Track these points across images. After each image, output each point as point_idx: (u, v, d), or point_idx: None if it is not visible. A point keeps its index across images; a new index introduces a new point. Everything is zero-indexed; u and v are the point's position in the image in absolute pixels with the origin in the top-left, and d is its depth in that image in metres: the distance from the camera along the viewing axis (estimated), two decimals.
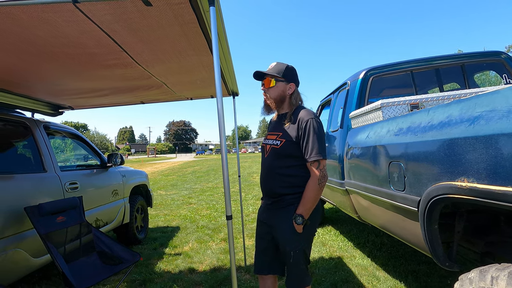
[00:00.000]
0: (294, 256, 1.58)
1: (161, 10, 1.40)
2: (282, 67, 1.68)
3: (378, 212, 2.19)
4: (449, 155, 1.29)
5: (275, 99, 1.69)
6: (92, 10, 1.37)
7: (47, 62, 2.02)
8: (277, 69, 1.67)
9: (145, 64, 2.16)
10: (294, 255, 1.58)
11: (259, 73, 1.69)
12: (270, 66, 1.70)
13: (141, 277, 2.92)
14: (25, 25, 1.48)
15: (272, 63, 1.71)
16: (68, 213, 2.42)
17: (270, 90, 1.68)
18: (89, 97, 3.10)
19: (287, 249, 1.59)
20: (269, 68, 1.70)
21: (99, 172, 3.43)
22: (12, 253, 2.04)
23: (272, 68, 1.69)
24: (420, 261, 2.96)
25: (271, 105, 1.72)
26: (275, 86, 1.67)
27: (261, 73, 1.68)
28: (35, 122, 2.74)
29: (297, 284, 1.62)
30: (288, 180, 1.62)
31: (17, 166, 2.52)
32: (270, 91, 1.68)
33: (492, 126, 1.06)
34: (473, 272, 1.17)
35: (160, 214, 6.03)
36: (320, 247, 3.61)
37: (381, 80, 2.98)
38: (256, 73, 1.69)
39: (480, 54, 2.99)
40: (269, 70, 1.68)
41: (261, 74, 1.69)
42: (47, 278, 2.95)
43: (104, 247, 2.54)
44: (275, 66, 1.69)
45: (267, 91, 1.69)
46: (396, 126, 1.85)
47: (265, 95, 1.71)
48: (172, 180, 13.19)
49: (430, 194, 1.41)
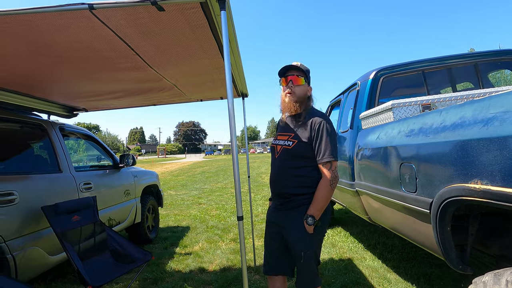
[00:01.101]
0: (304, 256, 1.59)
1: (173, 15, 1.43)
2: (307, 69, 1.68)
3: (389, 213, 2.17)
4: (462, 156, 1.27)
5: (299, 97, 1.66)
6: (107, 16, 1.41)
7: (63, 66, 2.08)
8: (304, 69, 1.66)
9: (157, 67, 2.20)
10: (305, 255, 1.59)
11: (289, 68, 1.65)
12: (296, 64, 1.67)
13: (153, 276, 2.97)
14: (43, 32, 1.54)
15: (297, 62, 1.68)
16: (83, 213, 2.49)
17: (297, 88, 1.65)
18: (103, 99, 3.17)
19: (298, 249, 1.60)
20: (296, 65, 1.67)
21: (112, 173, 3.51)
22: (30, 251, 2.11)
23: (299, 66, 1.66)
24: (433, 264, 2.91)
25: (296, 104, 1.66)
26: (303, 85, 1.67)
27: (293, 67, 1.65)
28: (51, 124, 2.83)
29: (307, 285, 1.62)
30: (299, 181, 1.63)
31: (34, 167, 2.61)
32: (298, 89, 1.65)
33: (507, 128, 1.05)
34: (487, 276, 1.15)
35: (171, 214, 6.11)
36: (330, 248, 3.60)
37: (392, 80, 2.95)
38: (286, 67, 1.65)
39: (493, 52, 2.93)
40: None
41: (288, 70, 1.66)
42: (63, 276, 3.03)
43: (117, 246, 2.60)
44: (302, 66, 1.67)
45: (294, 88, 1.65)
46: (408, 127, 1.83)
47: (292, 92, 1.65)
48: (181, 180, 13.33)
49: (442, 196, 1.40)
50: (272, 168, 1.77)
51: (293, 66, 1.65)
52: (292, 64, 1.66)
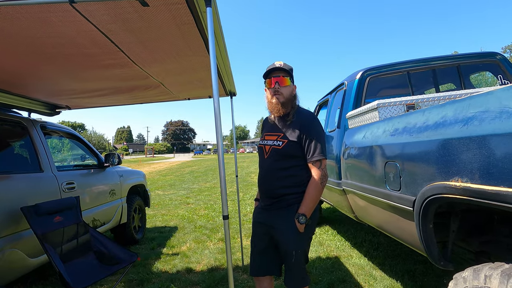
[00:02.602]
0: (296, 255, 1.59)
1: (158, 10, 1.41)
2: (290, 67, 1.67)
3: (374, 212, 2.20)
4: (444, 155, 1.30)
5: (286, 98, 1.65)
6: (89, 10, 1.37)
7: (44, 62, 2.01)
8: (288, 69, 1.65)
9: (142, 64, 2.16)
10: (296, 254, 1.60)
11: (274, 69, 1.63)
12: (279, 64, 1.65)
13: (139, 277, 2.92)
14: (22, 26, 1.48)
15: (280, 62, 1.66)
16: (65, 213, 2.42)
17: (284, 88, 1.64)
18: (86, 97, 3.09)
19: (290, 248, 1.60)
20: (280, 65, 1.65)
21: (96, 172, 3.43)
22: (9, 253, 2.03)
23: (283, 66, 1.64)
24: (417, 261, 2.97)
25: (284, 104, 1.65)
26: (289, 85, 1.66)
27: (278, 68, 1.63)
28: (32, 122, 2.73)
29: (298, 283, 1.63)
30: (289, 180, 1.63)
31: (14, 166, 2.52)
32: (284, 90, 1.64)
33: (485, 127, 1.08)
34: (467, 271, 1.18)
35: (158, 214, 6.02)
36: (317, 247, 3.63)
37: (378, 81, 2.99)
38: (274, 69, 1.63)
39: (475, 55, 3.01)
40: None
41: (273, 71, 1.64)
42: (44, 278, 2.95)
43: (101, 247, 2.54)
44: (285, 65, 1.66)
45: (281, 89, 1.64)
46: (392, 127, 1.86)
47: (279, 93, 1.64)
48: (170, 180, 13.17)
49: (425, 194, 1.42)
50: (261, 168, 1.76)
51: (277, 67, 1.64)
52: (276, 66, 1.65)
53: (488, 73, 3.19)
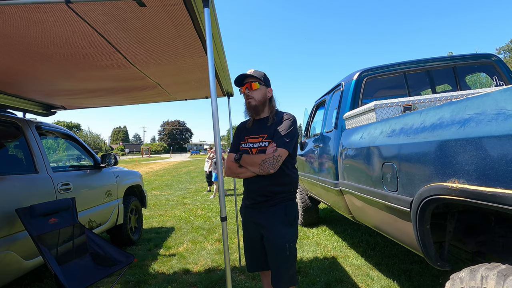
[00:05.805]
0: (289, 248, 1.66)
1: (155, 11, 1.40)
2: (261, 73, 1.79)
3: (371, 212, 2.21)
4: (440, 156, 1.31)
5: (259, 101, 1.77)
6: (85, 11, 1.36)
7: (39, 62, 1.99)
8: (258, 74, 1.78)
9: (139, 65, 2.14)
10: (289, 247, 1.66)
11: (243, 77, 1.76)
12: (249, 72, 1.79)
13: (135, 278, 2.90)
14: (17, 25, 1.46)
15: (250, 70, 1.80)
16: (61, 215, 2.40)
17: (254, 92, 1.76)
18: (82, 97, 3.06)
19: (283, 242, 1.66)
20: (250, 73, 1.78)
21: (92, 173, 3.40)
22: (4, 255, 2.01)
23: (253, 73, 1.77)
24: (413, 261, 2.99)
25: (257, 107, 1.78)
26: (259, 88, 1.77)
27: (246, 76, 1.76)
28: (27, 122, 2.70)
29: (286, 283, 1.67)
30: (278, 179, 1.70)
31: (8, 167, 2.49)
32: (255, 93, 1.76)
33: (482, 129, 1.08)
34: (463, 272, 1.19)
35: (155, 214, 5.99)
36: (314, 247, 3.63)
37: (375, 82, 3.00)
38: (240, 77, 1.76)
39: (471, 56, 3.04)
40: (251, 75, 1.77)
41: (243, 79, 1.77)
42: (40, 281, 2.92)
43: (98, 249, 2.52)
44: (255, 72, 1.79)
45: (251, 93, 1.76)
46: (389, 128, 1.87)
47: (250, 97, 1.77)
48: (166, 180, 13.12)
49: (422, 194, 1.43)
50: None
51: (247, 74, 1.76)
52: (246, 73, 1.77)
53: (482, 74, 3.21)
